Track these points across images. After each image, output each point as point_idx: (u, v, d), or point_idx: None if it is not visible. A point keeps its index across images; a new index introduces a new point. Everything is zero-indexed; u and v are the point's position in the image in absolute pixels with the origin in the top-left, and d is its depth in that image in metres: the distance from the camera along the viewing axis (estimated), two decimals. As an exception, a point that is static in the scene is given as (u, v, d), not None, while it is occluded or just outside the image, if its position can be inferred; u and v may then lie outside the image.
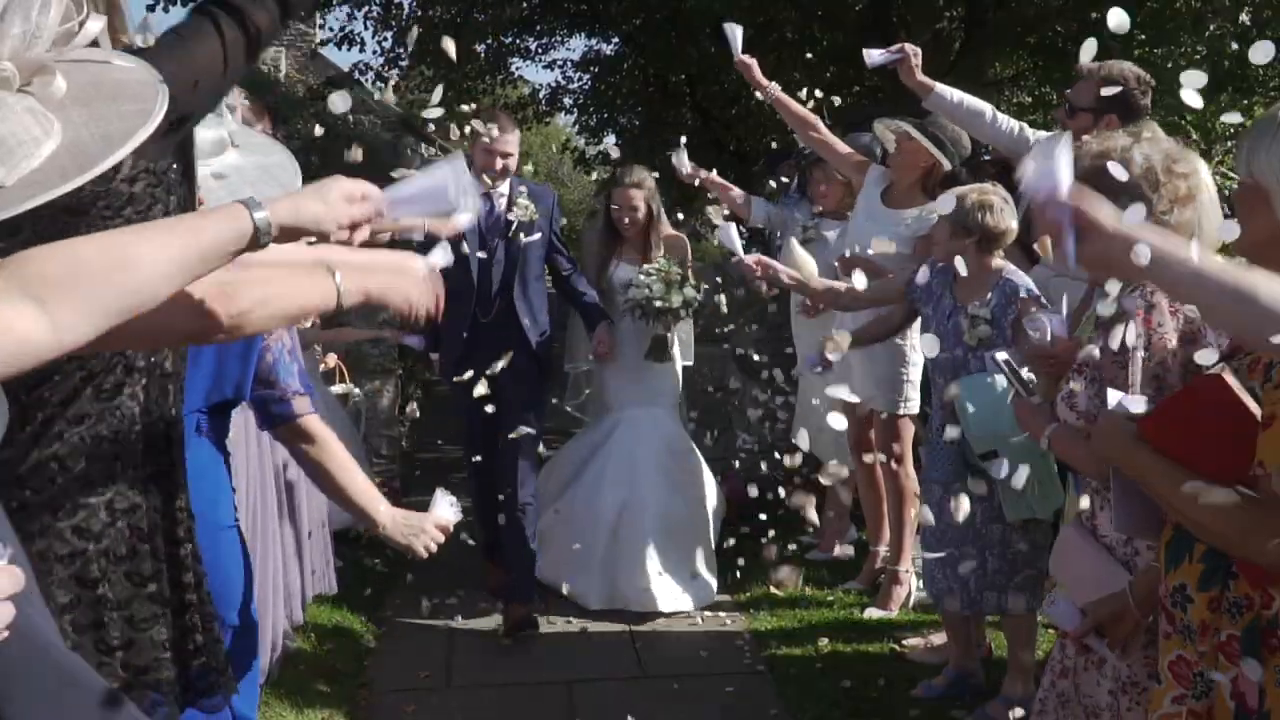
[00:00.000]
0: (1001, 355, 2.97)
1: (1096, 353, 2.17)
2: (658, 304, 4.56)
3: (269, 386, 2.35)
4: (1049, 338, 2.39)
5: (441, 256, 1.80)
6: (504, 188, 4.47)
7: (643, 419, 4.79)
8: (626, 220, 4.74)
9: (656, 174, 5.05)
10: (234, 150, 2.14)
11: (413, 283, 1.69)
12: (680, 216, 4.75)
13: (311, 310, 1.60)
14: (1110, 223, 1.48)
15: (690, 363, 5.14)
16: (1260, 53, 1.68)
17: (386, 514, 2.39)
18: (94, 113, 1.13)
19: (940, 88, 3.90)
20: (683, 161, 4.80)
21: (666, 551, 4.61)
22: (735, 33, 4.17)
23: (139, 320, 1.21)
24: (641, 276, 4.61)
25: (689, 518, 4.74)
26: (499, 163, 4.35)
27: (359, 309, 5.42)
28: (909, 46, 3.95)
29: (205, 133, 2.07)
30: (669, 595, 4.56)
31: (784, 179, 5.90)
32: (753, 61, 4.28)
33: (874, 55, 3.93)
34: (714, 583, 4.71)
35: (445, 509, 2.47)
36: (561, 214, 4.84)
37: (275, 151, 2.26)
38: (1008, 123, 3.87)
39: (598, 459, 4.81)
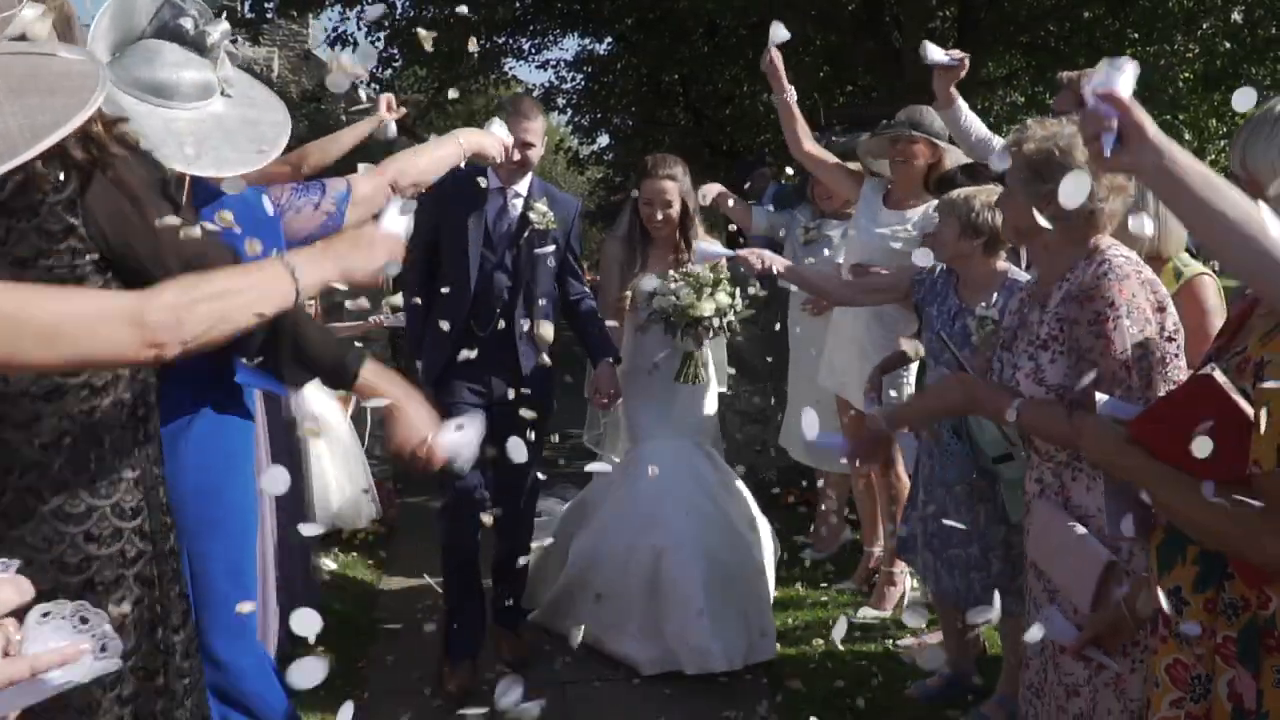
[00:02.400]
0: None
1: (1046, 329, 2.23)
2: (687, 312, 3.90)
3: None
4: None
5: (397, 215, 1.81)
6: (522, 186, 3.86)
7: (669, 452, 4.07)
8: (659, 218, 4.06)
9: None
10: (220, 99, 2.09)
11: (371, 251, 1.70)
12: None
13: (270, 314, 1.58)
14: (1152, 130, 1.54)
15: (725, 389, 4.58)
16: (1242, 99, 1.72)
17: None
18: (26, 104, 1.12)
19: (960, 104, 3.91)
20: (703, 191, 4.53)
21: (715, 604, 3.88)
22: (778, 32, 3.97)
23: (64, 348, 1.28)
24: (670, 284, 3.94)
25: (737, 564, 4.01)
26: (517, 154, 3.70)
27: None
28: (966, 58, 3.92)
29: (191, 74, 2.03)
30: (725, 653, 3.84)
31: (755, 185, 5.88)
32: (779, 63, 4.19)
33: (932, 52, 3.85)
34: (773, 637, 4.03)
35: (501, 130, 3.04)
36: (581, 229, 4.20)
37: (272, 110, 2.20)
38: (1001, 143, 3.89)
39: (623, 503, 4.11)
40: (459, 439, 2.03)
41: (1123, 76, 1.58)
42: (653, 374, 4.11)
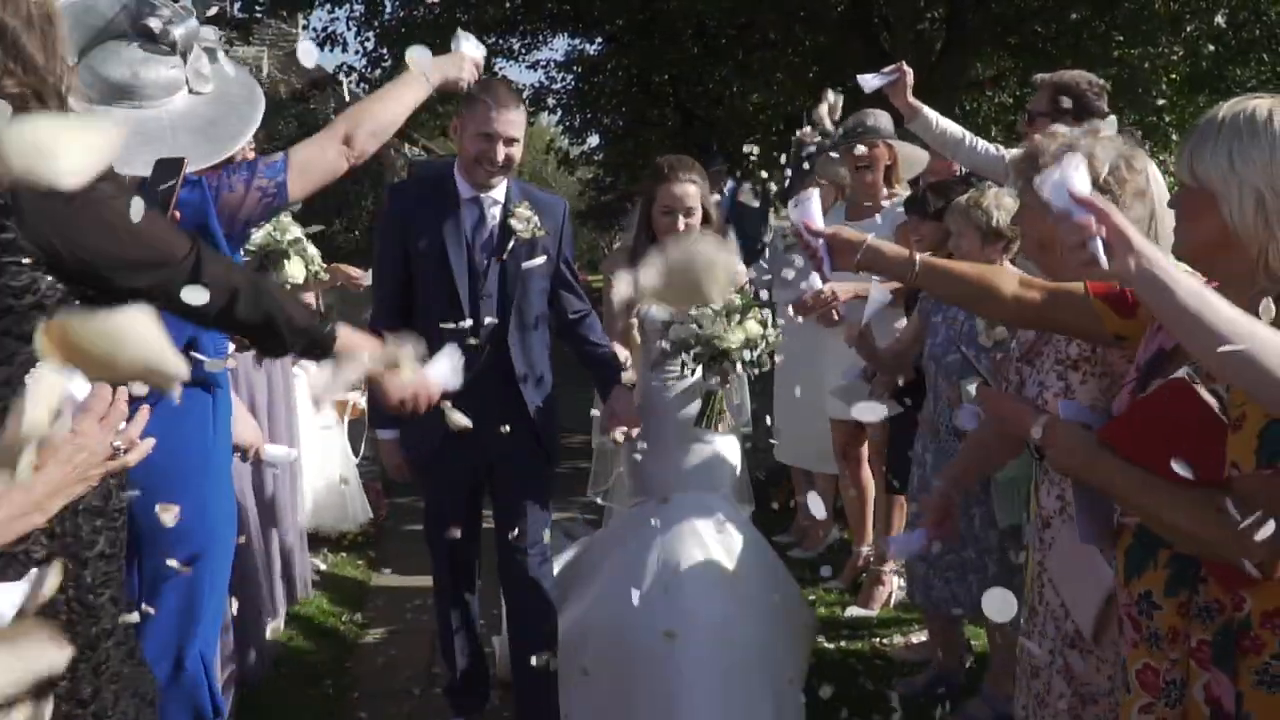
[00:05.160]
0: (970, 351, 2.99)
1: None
2: (713, 344, 3.26)
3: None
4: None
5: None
6: (499, 191, 3.19)
7: (689, 511, 3.42)
8: (680, 227, 3.37)
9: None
10: (185, 94, 2.04)
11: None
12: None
13: None
14: (1136, 237, 1.54)
15: (748, 429, 3.90)
16: None
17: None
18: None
19: (926, 111, 3.96)
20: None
21: (732, 693, 3.19)
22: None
23: None
24: (692, 309, 3.29)
25: (761, 645, 3.30)
26: (500, 151, 3.06)
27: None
28: (905, 66, 3.96)
29: (161, 72, 1.99)
30: None
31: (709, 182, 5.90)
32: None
33: (870, 80, 3.87)
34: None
35: (470, 47, 2.65)
36: (574, 234, 3.45)
37: (241, 104, 2.13)
38: (984, 145, 3.96)
39: (625, 569, 3.41)
40: (447, 367, 2.04)
41: (1079, 175, 1.59)
42: (665, 416, 3.48)
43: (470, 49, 2.70)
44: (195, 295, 1.60)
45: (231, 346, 2.85)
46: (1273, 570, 1.54)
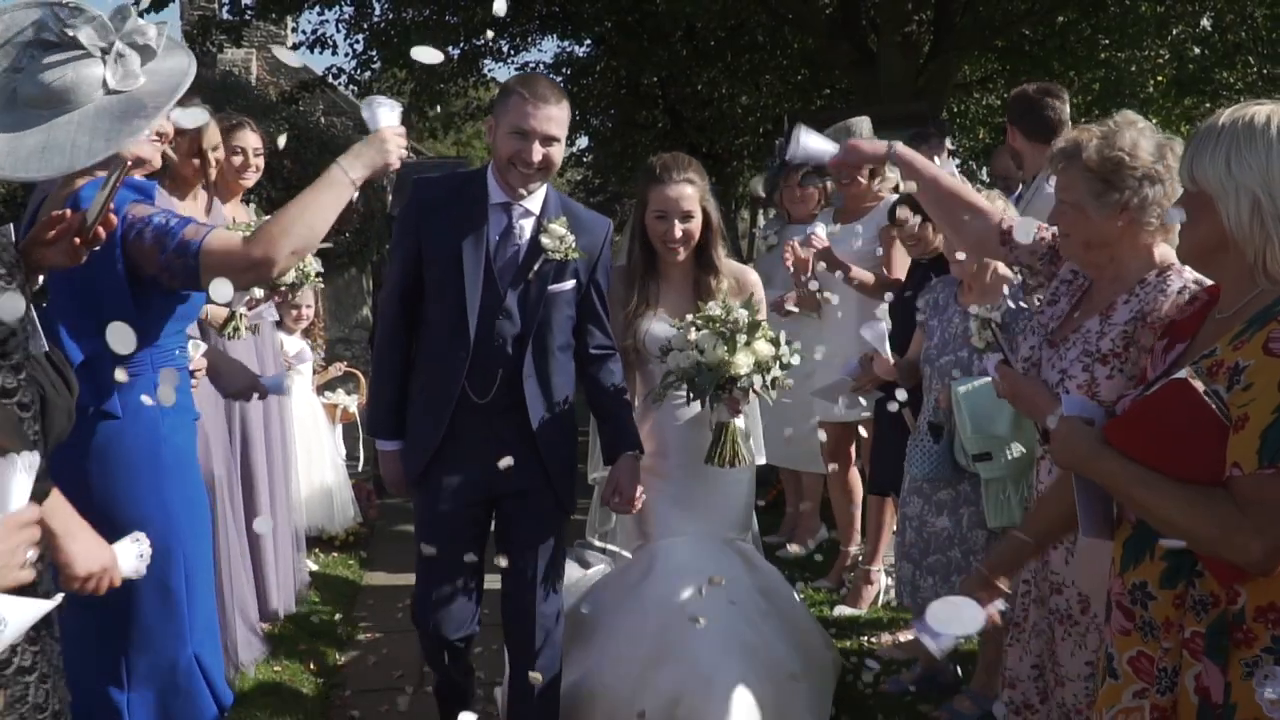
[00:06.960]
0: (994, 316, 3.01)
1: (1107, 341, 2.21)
2: (718, 370, 2.91)
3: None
4: None
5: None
6: (535, 201, 2.83)
7: (695, 553, 3.14)
8: (677, 234, 3.11)
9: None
10: (102, 95, 1.94)
11: None
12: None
13: None
14: None
15: (762, 460, 3.60)
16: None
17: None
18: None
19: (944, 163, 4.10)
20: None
21: None
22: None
23: None
24: (690, 332, 2.95)
25: (778, 701, 3.03)
26: (536, 151, 2.71)
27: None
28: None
29: (68, 76, 1.90)
30: None
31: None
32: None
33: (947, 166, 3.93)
34: None
35: (386, 114, 2.32)
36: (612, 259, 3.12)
37: (157, 97, 1.98)
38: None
39: (630, 621, 3.13)
40: (134, 556, 1.91)
41: None
42: (670, 449, 3.21)
43: (386, 116, 2.36)
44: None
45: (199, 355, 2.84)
46: (1272, 569, 1.57)
